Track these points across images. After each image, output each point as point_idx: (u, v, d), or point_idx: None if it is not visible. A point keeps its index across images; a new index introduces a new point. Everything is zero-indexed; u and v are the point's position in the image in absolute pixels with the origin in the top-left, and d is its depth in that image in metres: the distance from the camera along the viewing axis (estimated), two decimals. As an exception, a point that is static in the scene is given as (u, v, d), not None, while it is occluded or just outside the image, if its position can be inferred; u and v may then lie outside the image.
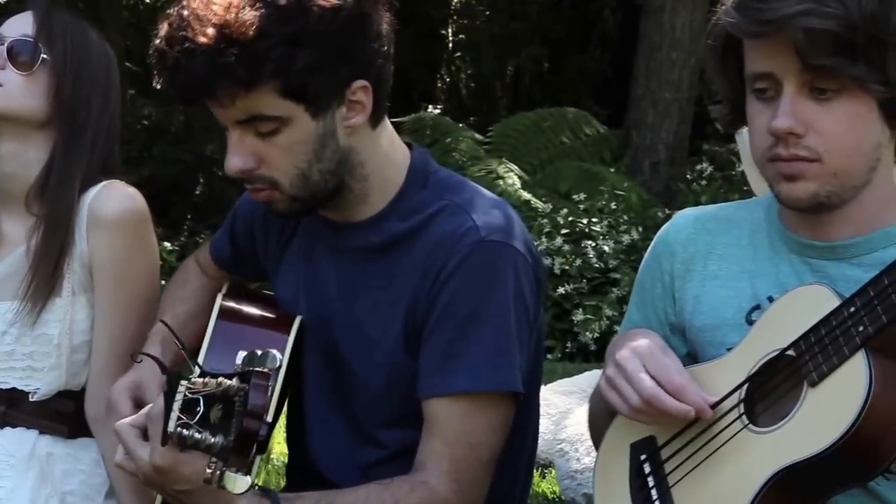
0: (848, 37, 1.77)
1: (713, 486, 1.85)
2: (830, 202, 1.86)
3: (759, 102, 1.87)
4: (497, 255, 2.12)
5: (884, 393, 1.71)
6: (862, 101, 1.82)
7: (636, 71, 9.89)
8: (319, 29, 2.02)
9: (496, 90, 14.31)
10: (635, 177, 9.41)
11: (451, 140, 9.55)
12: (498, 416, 2.13)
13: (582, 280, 7.46)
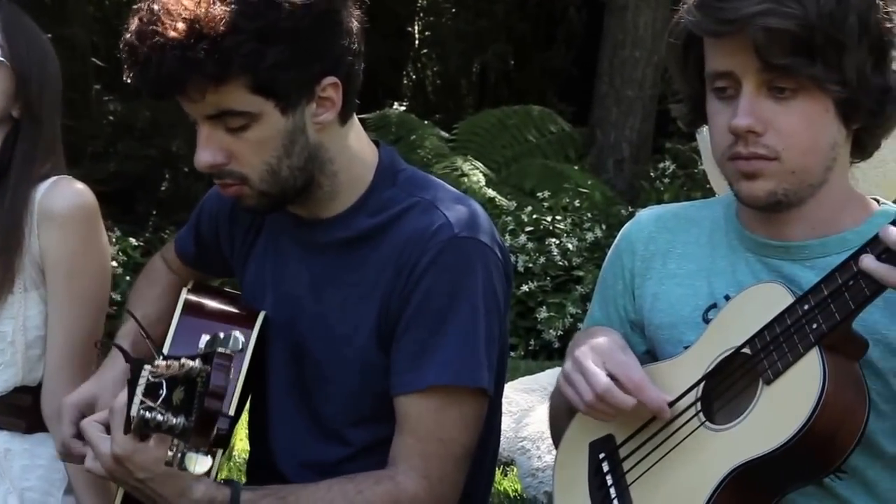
0: (806, 37, 1.78)
1: (671, 484, 1.87)
2: (788, 200, 1.88)
3: (719, 101, 1.88)
4: (470, 252, 2.13)
5: (837, 390, 1.73)
6: (819, 100, 1.83)
7: (600, 69, 9.92)
8: (290, 25, 2.02)
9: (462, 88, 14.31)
10: (599, 174, 9.43)
11: (416, 137, 9.54)
12: (471, 411, 2.14)
13: (546, 278, 7.48)
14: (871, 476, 1.86)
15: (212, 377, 1.77)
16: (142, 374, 1.81)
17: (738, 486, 1.78)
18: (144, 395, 1.80)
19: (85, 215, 2.42)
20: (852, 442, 1.74)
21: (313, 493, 2.11)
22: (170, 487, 2.03)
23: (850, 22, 1.80)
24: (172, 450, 1.82)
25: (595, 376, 1.88)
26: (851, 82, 1.82)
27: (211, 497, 2.06)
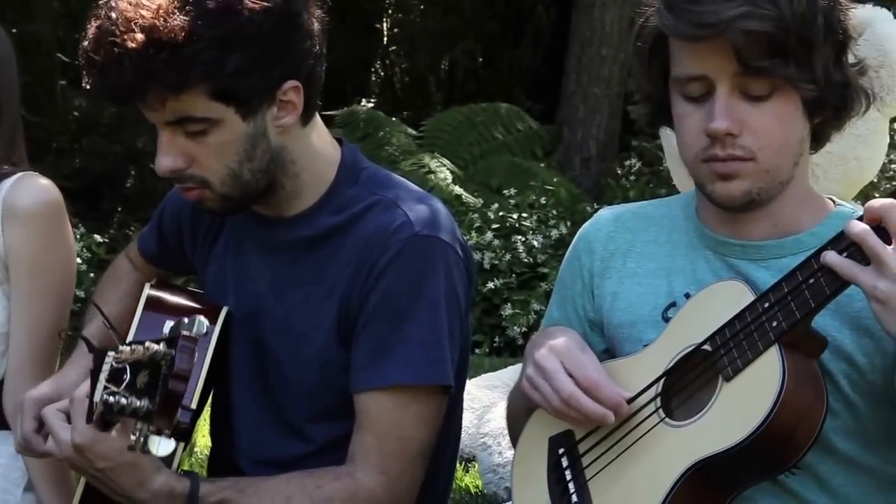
0: (781, 38, 1.80)
1: (629, 480, 1.88)
2: (761, 199, 1.89)
3: (689, 104, 1.89)
4: (430, 250, 2.14)
5: (796, 388, 1.74)
6: (790, 99, 1.85)
7: (567, 67, 9.94)
8: (249, 31, 2.02)
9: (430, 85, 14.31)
10: (566, 172, 9.45)
11: (384, 134, 9.53)
12: (429, 409, 2.15)
13: (511, 275, 7.49)
14: (824, 472, 1.88)
15: (176, 359, 1.78)
16: (105, 361, 1.81)
17: (696, 482, 1.79)
18: (108, 380, 1.80)
19: (50, 212, 2.41)
20: (810, 439, 1.76)
21: (273, 487, 2.11)
22: (129, 477, 2.03)
23: (818, 21, 1.82)
24: (135, 434, 1.82)
25: (561, 382, 1.88)
26: (819, 80, 1.84)
27: (170, 488, 2.06)
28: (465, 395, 4.78)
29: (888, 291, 1.65)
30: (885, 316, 1.67)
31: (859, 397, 1.85)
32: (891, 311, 1.66)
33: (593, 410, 1.86)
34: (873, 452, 1.89)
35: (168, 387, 1.77)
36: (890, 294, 1.65)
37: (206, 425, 2.50)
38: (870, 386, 1.85)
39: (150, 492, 2.05)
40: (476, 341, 7.29)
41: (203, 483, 2.09)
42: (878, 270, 1.66)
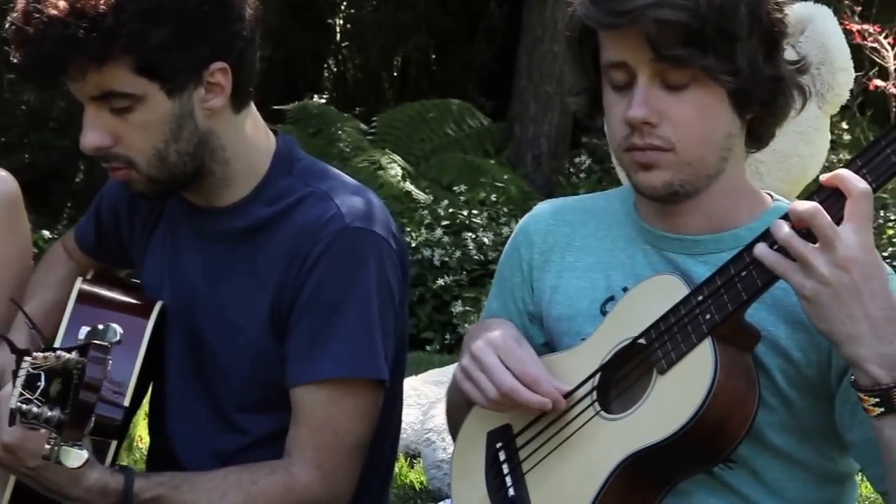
0: (698, 28, 1.80)
1: (565, 473, 1.88)
2: (685, 191, 1.89)
3: (615, 93, 1.89)
4: (362, 242, 2.13)
5: (729, 380, 1.75)
6: (712, 91, 1.85)
7: (519, 63, 9.95)
8: (175, 6, 2.01)
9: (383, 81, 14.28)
10: (518, 169, 9.46)
11: (336, 130, 9.49)
12: (364, 402, 2.15)
13: (461, 272, 7.48)
14: (759, 466, 1.89)
15: (87, 369, 1.76)
16: (22, 365, 1.79)
17: (630, 474, 1.80)
18: (24, 386, 1.78)
19: (6, 203, 2.37)
20: (742, 431, 1.77)
21: (208, 482, 2.11)
22: (61, 475, 2.02)
23: (740, 13, 1.82)
24: (50, 443, 1.81)
25: (499, 375, 1.88)
26: (744, 73, 1.84)
27: (104, 484, 2.05)
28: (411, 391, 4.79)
29: (816, 290, 1.66)
30: (814, 313, 1.69)
31: (795, 392, 1.86)
32: (819, 308, 1.67)
33: (534, 400, 1.86)
34: (809, 447, 1.90)
35: (79, 397, 1.76)
36: (817, 293, 1.66)
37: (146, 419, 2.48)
38: (805, 380, 1.86)
39: (84, 488, 2.04)
40: (426, 338, 7.28)
41: (138, 478, 2.08)
42: (805, 272, 1.67)
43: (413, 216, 7.88)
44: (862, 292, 1.65)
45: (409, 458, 4.54)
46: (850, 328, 1.66)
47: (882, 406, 1.68)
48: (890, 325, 1.66)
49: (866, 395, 1.68)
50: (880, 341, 1.66)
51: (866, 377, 1.68)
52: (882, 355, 1.66)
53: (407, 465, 4.50)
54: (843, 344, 1.68)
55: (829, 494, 1.93)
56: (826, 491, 1.93)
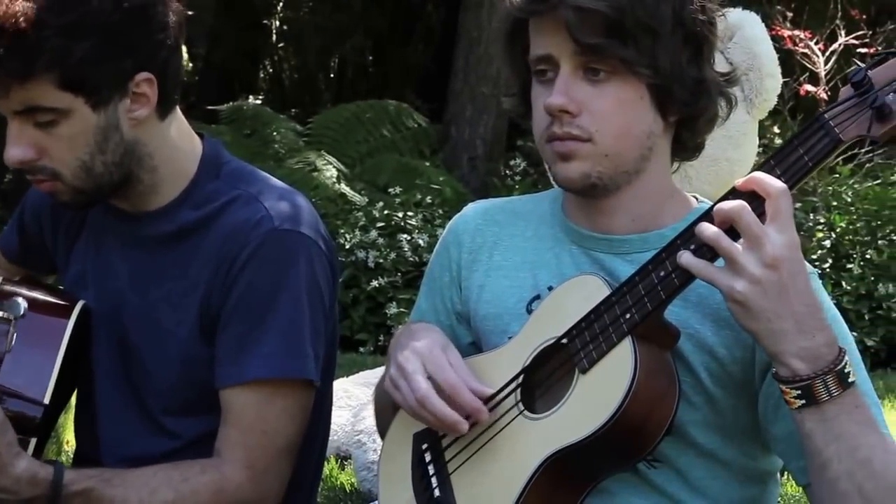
0: (618, 19, 1.82)
1: (490, 473, 1.88)
2: (603, 185, 1.90)
3: (540, 85, 1.91)
4: (291, 244, 2.13)
5: (648, 378, 1.76)
6: (633, 85, 1.87)
7: (455, 65, 9.96)
8: (99, 20, 1.99)
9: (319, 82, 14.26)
10: (453, 171, 9.47)
11: (271, 131, 9.45)
12: (294, 403, 2.15)
13: (396, 273, 7.48)
14: (683, 464, 1.90)
15: None
16: None
17: (553, 473, 1.81)
18: None
19: None
20: (662, 428, 1.78)
21: (138, 478, 2.10)
22: None
23: (662, 10, 1.84)
24: None
25: (417, 384, 1.88)
26: (665, 70, 1.86)
27: (33, 473, 2.03)
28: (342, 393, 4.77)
29: (745, 291, 1.67)
30: (742, 313, 1.70)
31: (719, 390, 1.88)
32: (747, 308, 1.68)
33: (447, 416, 1.87)
34: (732, 445, 1.91)
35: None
36: (747, 294, 1.67)
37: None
38: (730, 377, 1.87)
39: (12, 477, 2.02)
40: (360, 340, 7.27)
41: (67, 471, 2.06)
42: (734, 271, 1.68)
43: (348, 218, 7.87)
44: (788, 289, 1.67)
45: (340, 459, 4.54)
46: (776, 325, 1.68)
47: (803, 398, 1.69)
48: (812, 320, 1.68)
49: (788, 388, 1.70)
50: (803, 336, 1.68)
51: (788, 370, 1.70)
52: (804, 349, 1.68)
53: (338, 467, 4.50)
54: (768, 340, 1.69)
55: (751, 493, 1.95)
56: (748, 489, 1.95)
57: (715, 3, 1.93)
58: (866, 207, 7.75)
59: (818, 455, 1.70)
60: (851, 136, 1.70)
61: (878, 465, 1.69)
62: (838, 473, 1.69)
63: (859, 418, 1.70)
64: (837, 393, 1.68)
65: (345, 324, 7.32)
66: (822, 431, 1.69)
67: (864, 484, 1.69)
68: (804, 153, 1.71)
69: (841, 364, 1.69)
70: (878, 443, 1.71)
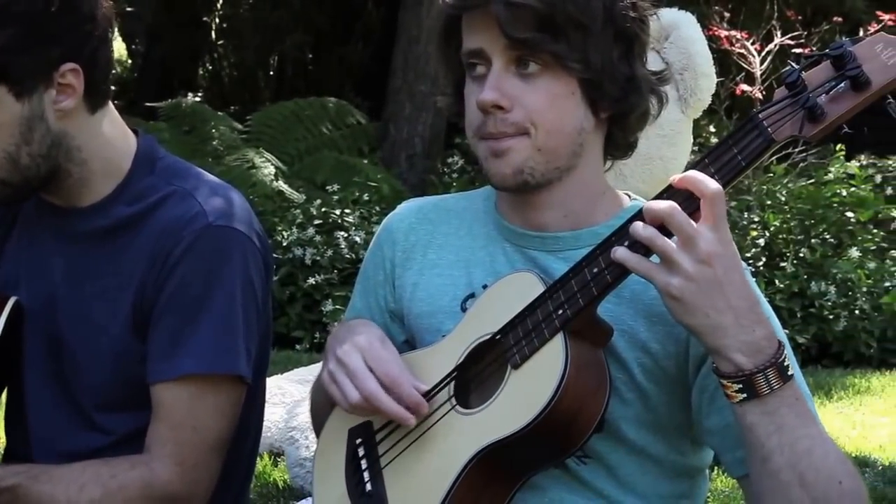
0: (549, 14, 1.83)
1: (422, 467, 1.89)
2: (535, 180, 1.91)
3: (473, 82, 1.92)
4: (225, 240, 2.13)
5: (579, 375, 1.77)
6: (564, 81, 1.88)
7: (394, 63, 9.95)
8: (23, 8, 1.98)
9: (259, 79, 14.20)
10: (392, 169, 9.47)
11: (209, 128, 9.40)
12: (227, 399, 2.14)
13: (333, 271, 7.46)
14: (614, 461, 1.92)
15: None
16: None
17: (483, 467, 1.81)
18: None
19: None
20: (592, 424, 1.79)
21: (67, 474, 2.09)
22: None
23: (593, 6, 1.86)
24: None
25: (362, 380, 1.88)
26: (596, 66, 1.87)
27: None
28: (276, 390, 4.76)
29: (681, 287, 1.68)
30: (679, 309, 1.71)
31: (652, 385, 1.90)
32: (684, 304, 1.70)
33: (395, 411, 1.87)
34: (663, 442, 1.93)
35: None
36: (683, 289, 1.68)
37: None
38: (663, 372, 1.89)
39: None
40: (296, 337, 7.24)
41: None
42: (669, 268, 1.69)
43: (285, 215, 7.83)
44: (724, 285, 1.68)
45: (274, 456, 4.54)
46: (714, 320, 1.69)
47: (745, 392, 1.71)
48: (751, 314, 1.70)
49: (729, 382, 1.71)
50: (742, 329, 1.69)
51: (729, 365, 1.71)
52: (744, 342, 1.70)
53: (271, 464, 4.50)
54: (708, 335, 1.71)
55: (680, 488, 1.97)
56: (677, 485, 1.96)
57: (646, 2, 1.95)
58: (800, 206, 7.84)
59: (760, 447, 1.72)
60: (784, 137, 1.71)
61: (817, 456, 1.72)
62: (780, 465, 1.71)
63: (799, 410, 1.73)
64: (778, 386, 1.70)
65: (281, 321, 7.29)
66: (764, 424, 1.71)
67: (805, 474, 1.71)
68: (738, 152, 1.72)
69: (781, 357, 1.71)
70: (817, 434, 1.74)
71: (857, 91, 1.68)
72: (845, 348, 7.16)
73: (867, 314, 7.19)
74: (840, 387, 6.36)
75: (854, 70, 1.67)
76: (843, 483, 1.72)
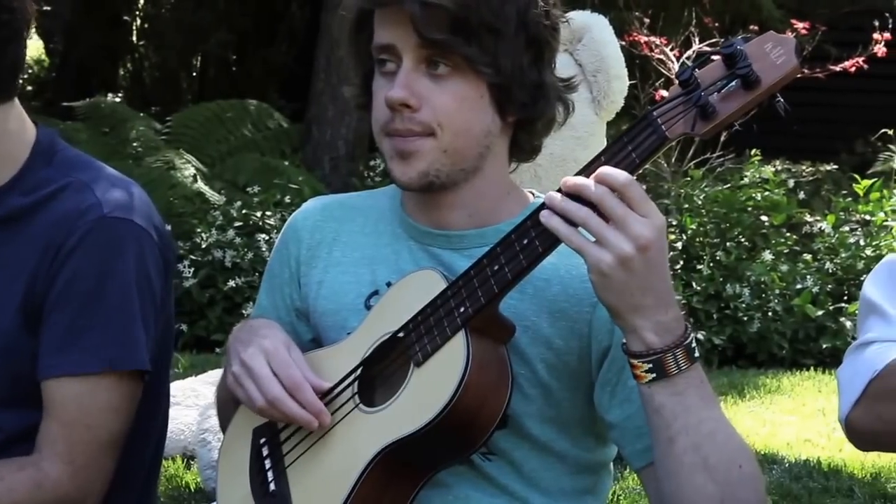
0: (463, 17, 1.84)
1: (325, 465, 1.89)
2: (440, 181, 1.92)
3: (383, 78, 1.92)
4: (120, 232, 2.10)
5: (481, 372, 1.78)
6: (474, 84, 1.89)
7: (317, 66, 9.92)
8: None
9: (181, 80, 14.08)
10: (315, 171, 9.43)
11: (129, 128, 9.30)
12: (120, 397, 2.11)
13: (253, 273, 7.41)
14: (518, 457, 1.93)
15: None
16: None
17: (387, 465, 1.82)
18: None
19: None
20: (494, 421, 1.80)
21: None
22: None
23: (506, 11, 1.87)
24: None
25: (267, 384, 1.88)
26: (506, 71, 1.88)
27: None
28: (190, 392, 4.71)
29: (612, 265, 1.69)
30: (604, 285, 1.72)
31: (556, 381, 1.92)
32: (610, 281, 1.70)
33: (299, 415, 1.87)
34: (566, 437, 1.95)
35: None
36: (613, 269, 1.69)
37: None
38: (566, 368, 1.91)
39: None
40: (216, 340, 7.19)
41: None
42: (603, 245, 1.70)
43: (205, 217, 7.77)
44: (653, 267, 1.70)
45: (187, 459, 4.50)
46: (637, 300, 1.71)
47: (654, 372, 1.73)
48: (667, 296, 1.73)
49: (639, 362, 1.74)
50: (658, 310, 1.72)
51: (641, 343, 1.73)
52: (658, 322, 1.73)
53: (184, 466, 4.47)
54: (626, 314, 1.73)
55: (584, 483, 1.99)
56: (581, 480, 1.99)
57: (559, 9, 1.96)
58: (716, 210, 7.93)
59: (667, 428, 1.75)
60: (677, 134, 1.74)
61: (720, 438, 1.75)
62: (686, 446, 1.74)
63: (703, 393, 1.76)
64: (686, 366, 1.73)
65: (201, 324, 7.24)
66: (671, 405, 1.74)
67: (710, 456, 1.74)
68: (632, 150, 1.74)
69: (689, 338, 1.74)
70: (719, 417, 1.77)
71: (747, 89, 1.71)
72: (759, 349, 7.26)
73: (780, 316, 7.30)
74: (753, 386, 6.46)
75: (744, 69, 1.70)
76: (743, 467, 1.75)
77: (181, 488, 4.24)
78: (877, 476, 4.70)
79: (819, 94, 8.49)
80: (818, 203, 8.87)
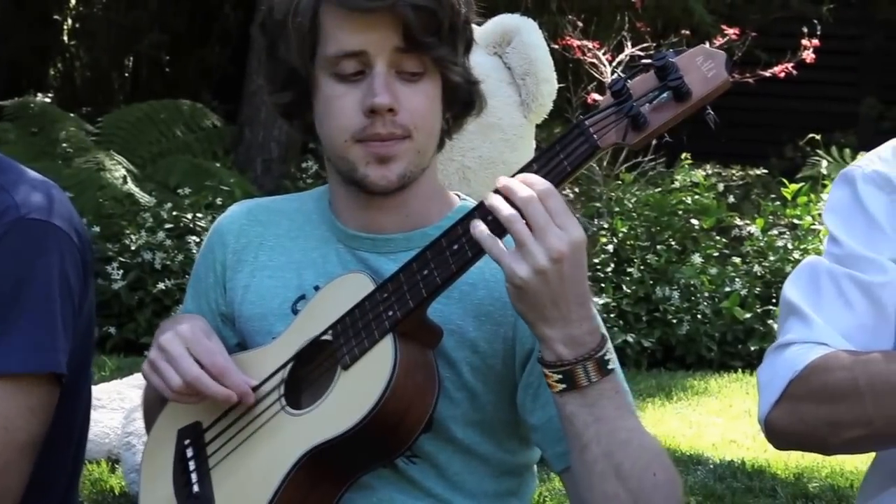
0: (442, 17, 1.86)
1: (249, 468, 1.89)
2: (408, 182, 1.93)
3: (342, 84, 1.89)
4: (39, 234, 2.09)
5: (407, 375, 1.79)
6: (435, 83, 1.91)
7: (249, 67, 9.88)
8: None
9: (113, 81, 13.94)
10: (247, 173, 9.39)
11: (58, 129, 9.19)
12: (37, 399, 2.09)
13: (183, 276, 7.35)
14: (443, 460, 1.94)
15: None
16: None
17: (311, 467, 1.82)
18: None
19: None
20: (420, 425, 1.81)
21: None
22: None
23: (462, 13, 1.90)
24: None
25: (185, 366, 1.87)
26: (460, 70, 1.92)
27: None
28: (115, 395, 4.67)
29: (527, 277, 1.71)
30: (519, 297, 1.74)
31: (481, 384, 1.93)
32: (524, 292, 1.72)
33: (218, 392, 1.86)
34: (491, 440, 1.96)
35: None
36: (528, 281, 1.71)
37: None
38: (491, 371, 1.92)
39: None
40: (145, 343, 7.12)
41: None
42: (521, 256, 1.71)
43: (135, 219, 7.70)
44: (566, 281, 1.72)
45: (111, 462, 4.46)
46: (549, 312, 1.73)
47: (564, 382, 1.75)
48: (581, 309, 1.75)
49: (551, 372, 1.76)
50: (570, 324, 1.74)
51: (552, 355, 1.75)
52: (569, 336, 1.74)
53: (108, 470, 4.43)
54: (538, 324, 1.75)
55: (508, 486, 2.00)
56: (504, 483, 2.00)
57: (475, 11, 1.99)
58: (647, 214, 7.99)
59: (579, 438, 1.77)
60: (609, 143, 1.76)
61: (634, 447, 1.77)
62: (596, 455, 1.76)
63: (618, 403, 1.78)
64: (597, 379, 1.75)
65: (129, 327, 7.17)
66: (582, 415, 1.76)
67: (622, 465, 1.76)
68: (564, 158, 1.76)
69: (602, 352, 1.76)
70: (635, 426, 1.79)
71: (678, 101, 1.73)
72: (688, 351, 7.32)
73: (709, 318, 7.37)
74: (680, 388, 6.51)
75: (676, 81, 1.72)
76: (658, 475, 1.77)
77: (105, 492, 4.21)
78: (799, 476, 4.76)
79: (749, 98, 8.57)
80: (747, 207, 8.95)
